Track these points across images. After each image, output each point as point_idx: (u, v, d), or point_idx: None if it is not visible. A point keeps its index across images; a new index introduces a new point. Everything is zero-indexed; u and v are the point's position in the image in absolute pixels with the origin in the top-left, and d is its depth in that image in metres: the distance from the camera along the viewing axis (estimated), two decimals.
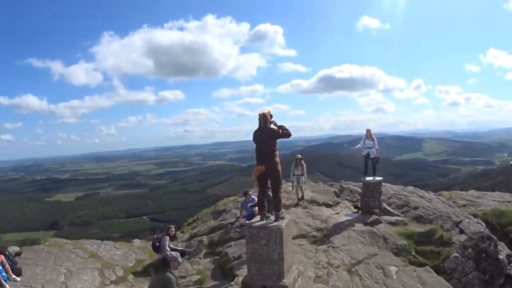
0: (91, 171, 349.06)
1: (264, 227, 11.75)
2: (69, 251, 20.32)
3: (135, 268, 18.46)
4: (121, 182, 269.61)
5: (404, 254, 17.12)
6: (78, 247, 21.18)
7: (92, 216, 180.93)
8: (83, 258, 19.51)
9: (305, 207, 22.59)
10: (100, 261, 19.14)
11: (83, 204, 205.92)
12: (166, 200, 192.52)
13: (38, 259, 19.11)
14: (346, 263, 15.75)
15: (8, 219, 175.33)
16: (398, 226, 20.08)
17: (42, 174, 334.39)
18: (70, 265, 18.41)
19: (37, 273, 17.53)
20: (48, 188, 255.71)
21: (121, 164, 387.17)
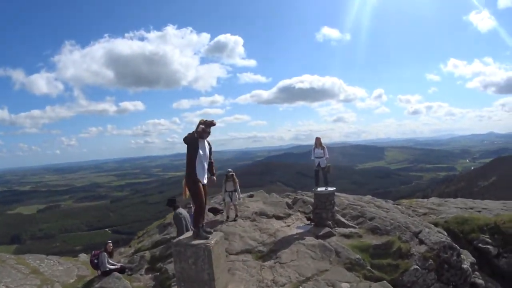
0: (52, 183, 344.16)
1: (191, 245, 11.29)
2: (10, 267, 20.03)
3: (75, 285, 18.18)
4: (82, 194, 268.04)
5: (358, 269, 16.48)
6: (21, 262, 20.93)
7: (54, 229, 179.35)
8: (24, 274, 19.25)
9: (253, 220, 22.00)
10: (41, 277, 18.88)
11: (45, 216, 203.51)
12: (127, 212, 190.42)
13: None
14: (293, 281, 15.10)
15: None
16: (352, 238, 19.47)
17: (3, 186, 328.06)
18: (9, 281, 18.14)
19: None
20: (9, 200, 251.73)
21: (82, 176, 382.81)
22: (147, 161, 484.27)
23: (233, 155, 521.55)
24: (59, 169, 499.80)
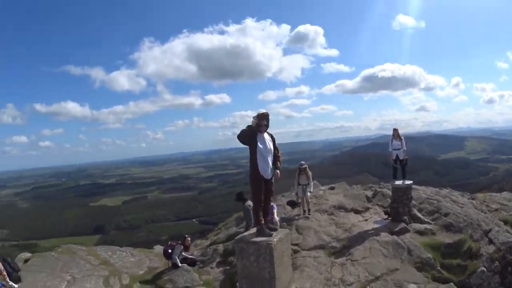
0: (138, 175, 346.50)
1: (253, 242, 10.79)
2: (79, 258, 20.14)
3: (144, 277, 18.06)
4: (169, 186, 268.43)
5: (428, 269, 15.65)
6: (91, 253, 21.04)
7: (140, 220, 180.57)
8: (93, 265, 19.28)
9: (331, 214, 21.30)
10: (110, 268, 18.87)
11: (130, 208, 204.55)
12: (215, 202, 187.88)
13: (44, 266, 18.96)
14: (361, 280, 14.51)
15: (48, 225, 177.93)
16: (426, 235, 18.56)
17: (86, 180, 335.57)
18: (76, 272, 18.16)
19: (38, 279, 17.33)
20: (92, 193, 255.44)
21: (170, 168, 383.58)
22: (235, 152, 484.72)
23: (321, 145, 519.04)
24: (145, 162, 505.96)
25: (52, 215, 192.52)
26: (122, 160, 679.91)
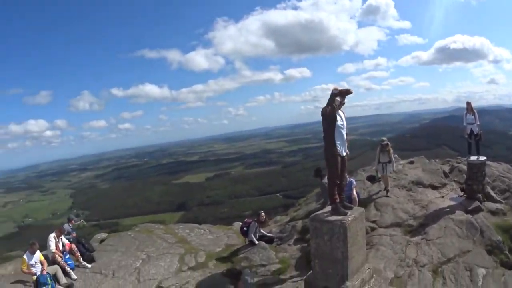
0: (222, 152, 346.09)
1: (327, 221, 10.43)
2: (156, 236, 20.54)
3: (221, 254, 18.13)
4: (253, 161, 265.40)
5: (496, 253, 15.02)
6: (169, 232, 21.42)
7: (223, 196, 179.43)
8: (169, 243, 19.60)
9: (409, 189, 20.72)
10: (186, 246, 19.14)
11: (214, 184, 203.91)
12: (299, 176, 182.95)
13: (120, 245, 19.47)
14: (434, 261, 14.13)
15: (130, 204, 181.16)
16: (497, 216, 17.77)
17: (169, 158, 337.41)
18: (152, 251, 18.55)
19: (113, 259, 17.82)
20: (175, 171, 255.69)
21: (253, 143, 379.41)
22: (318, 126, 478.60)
23: (401, 118, 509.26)
24: (228, 138, 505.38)
25: (133, 194, 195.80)
26: (204, 137, 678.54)
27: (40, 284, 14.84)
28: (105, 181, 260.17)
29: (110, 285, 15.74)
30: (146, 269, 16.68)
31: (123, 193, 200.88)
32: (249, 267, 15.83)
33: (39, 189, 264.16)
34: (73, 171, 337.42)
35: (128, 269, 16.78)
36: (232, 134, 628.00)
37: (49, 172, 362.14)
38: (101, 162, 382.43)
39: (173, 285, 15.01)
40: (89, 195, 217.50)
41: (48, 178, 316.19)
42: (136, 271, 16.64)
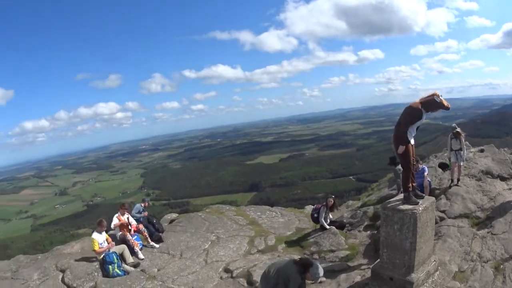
0: (296, 133, 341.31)
1: (399, 210, 10.42)
2: (227, 218, 20.76)
3: (291, 237, 18.18)
4: (327, 142, 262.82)
5: None
6: (240, 214, 21.56)
7: (296, 177, 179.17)
8: (240, 225, 19.83)
9: (479, 179, 19.73)
10: (257, 228, 19.29)
11: (287, 165, 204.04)
12: (373, 160, 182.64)
13: (190, 226, 19.82)
14: (496, 258, 13.28)
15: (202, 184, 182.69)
16: None
17: (243, 139, 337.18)
18: (222, 232, 18.82)
19: (181, 239, 18.15)
20: (249, 151, 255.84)
21: (328, 125, 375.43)
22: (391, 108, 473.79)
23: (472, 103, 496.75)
24: (303, 120, 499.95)
25: (206, 174, 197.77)
26: (279, 118, 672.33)
27: (107, 263, 15.36)
28: (177, 161, 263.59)
29: (177, 266, 15.99)
30: (215, 251, 16.89)
31: (195, 173, 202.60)
32: (318, 252, 15.90)
33: (109, 169, 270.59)
34: (144, 152, 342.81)
35: (197, 250, 17.05)
36: (307, 116, 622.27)
37: (119, 153, 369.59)
38: (173, 143, 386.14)
39: (240, 268, 15.04)
40: (160, 175, 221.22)
41: (119, 158, 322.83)
42: (205, 253, 16.87)
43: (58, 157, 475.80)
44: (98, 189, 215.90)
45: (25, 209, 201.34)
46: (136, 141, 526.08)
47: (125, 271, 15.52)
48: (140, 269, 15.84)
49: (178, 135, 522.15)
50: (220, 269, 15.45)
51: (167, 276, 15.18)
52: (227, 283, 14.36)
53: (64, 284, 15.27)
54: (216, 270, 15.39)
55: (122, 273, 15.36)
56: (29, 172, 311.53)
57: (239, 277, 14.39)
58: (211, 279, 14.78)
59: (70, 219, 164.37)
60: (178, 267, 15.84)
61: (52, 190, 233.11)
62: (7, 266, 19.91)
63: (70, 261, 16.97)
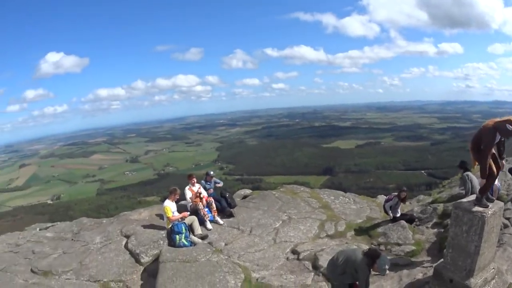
0: (374, 120, 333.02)
1: (469, 211, 10.13)
2: (301, 199, 20.89)
3: (361, 225, 18.21)
4: (403, 133, 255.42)
5: None
6: (314, 196, 21.66)
7: (370, 165, 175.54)
8: (312, 207, 19.91)
9: None
10: (329, 212, 19.35)
11: (363, 152, 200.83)
12: (445, 156, 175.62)
13: (263, 204, 20.11)
14: None
15: (276, 163, 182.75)
16: None
17: (321, 121, 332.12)
18: (294, 213, 18.95)
19: (253, 216, 18.44)
20: (327, 134, 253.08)
21: (405, 115, 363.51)
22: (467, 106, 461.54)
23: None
24: (382, 108, 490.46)
25: (281, 153, 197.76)
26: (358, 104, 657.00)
27: (174, 232, 15.70)
28: (254, 138, 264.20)
29: (245, 242, 16.30)
30: (285, 231, 17.11)
31: (271, 151, 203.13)
32: (385, 244, 15.91)
33: (184, 141, 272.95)
34: (221, 126, 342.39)
35: (267, 228, 17.29)
36: (386, 104, 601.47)
37: (196, 125, 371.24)
38: (252, 119, 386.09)
39: (307, 251, 15.09)
40: (236, 150, 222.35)
41: (195, 130, 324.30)
42: (274, 231, 17.17)
43: (132, 125, 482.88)
44: (171, 159, 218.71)
45: (93, 173, 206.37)
46: (214, 115, 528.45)
47: (192, 242, 15.78)
48: (207, 242, 16.06)
49: (257, 112, 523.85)
50: (287, 250, 15.57)
51: (234, 251, 15.40)
52: (293, 264, 14.44)
53: (127, 249, 15.89)
54: (284, 250, 15.52)
55: (189, 243, 15.61)
56: (101, 138, 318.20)
57: (305, 260, 14.43)
58: (278, 258, 14.92)
59: (139, 186, 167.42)
60: (246, 243, 16.09)
61: (123, 157, 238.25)
62: (68, 227, 20.54)
63: (136, 228, 17.57)
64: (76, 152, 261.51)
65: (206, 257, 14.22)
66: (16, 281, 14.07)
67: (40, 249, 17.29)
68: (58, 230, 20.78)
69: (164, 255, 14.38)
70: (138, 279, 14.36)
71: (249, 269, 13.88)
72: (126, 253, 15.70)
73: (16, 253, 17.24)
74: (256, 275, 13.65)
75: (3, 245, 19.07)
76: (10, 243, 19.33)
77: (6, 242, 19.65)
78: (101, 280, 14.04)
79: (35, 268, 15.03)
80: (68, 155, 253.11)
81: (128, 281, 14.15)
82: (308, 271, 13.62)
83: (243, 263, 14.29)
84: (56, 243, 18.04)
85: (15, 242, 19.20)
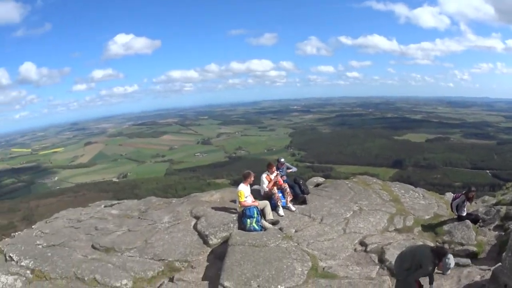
0: (444, 115, 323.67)
1: None
2: (372, 191, 21.04)
3: (428, 222, 18.03)
4: (472, 130, 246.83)
5: None
6: (385, 189, 21.71)
7: (438, 160, 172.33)
8: (383, 200, 19.98)
9: None
10: (399, 206, 19.29)
11: (432, 147, 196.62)
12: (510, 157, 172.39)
13: (335, 193, 20.39)
14: None
15: (347, 152, 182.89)
16: None
17: (393, 113, 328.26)
18: (365, 204, 19.11)
19: (324, 205, 18.74)
20: (398, 126, 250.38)
21: (474, 112, 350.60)
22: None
23: None
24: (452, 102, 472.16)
25: (352, 143, 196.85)
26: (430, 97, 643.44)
27: (246, 216, 16.34)
28: (327, 126, 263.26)
29: (315, 230, 16.40)
30: (355, 222, 17.24)
31: (343, 140, 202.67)
32: (449, 242, 15.83)
33: (257, 125, 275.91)
34: (295, 112, 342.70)
35: (337, 218, 17.44)
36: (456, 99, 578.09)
37: (270, 110, 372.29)
38: (325, 107, 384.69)
39: (375, 243, 15.16)
40: (308, 137, 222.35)
41: (269, 115, 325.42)
42: (345, 222, 17.26)
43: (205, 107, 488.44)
44: (243, 143, 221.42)
45: (163, 153, 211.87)
46: (288, 101, 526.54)
47: (263, 227, 16.24)
48: (278, 227, 16.32)
49: (330, 100, 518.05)
50: (356, 241, 15.64)
51: (303, 238, 15.54)
52: (360, 256, 14.56)
53: (195, 230, 16.52)
54: (352, 241, 15.60)
55: (259, 228, 16.07)
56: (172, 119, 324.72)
57: (372, 253, 14.50)
58: (346, 249, 15.03)
59: (209, 168, 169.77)
60: (316, 232, 16.18)
61: (195, 139, 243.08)
62: (135, 206, 21.19)
63: (206, 209, 18.23)
64: (146, 132, 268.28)
65: (276, 243, 14.36)
66: (75, 256, 14.85)
67: (103, 225, 18.32)
68: (124, 207, 21.70)
69: (234, 238, 14.60)
70: (204, 261, 14.78)
71: (317, 258, 13.95)
72: (195, 234, 16.29)
73: (77, 229, 18.25)
74: (323, 264, 13.72)
75: (63, 220, 20.22)
76: (71, 218, 20.50)
77: (67, 217, 20.88)
78: (166, 259, 14.61)
79: (96, 244, 15.91)
80: (138, 134, 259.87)
81: (193, 262, 14.61)
82: (374, 264, 13.79)
83: (311, 251, 14.36)
84: (121, 220, 19.07)
85: (77, 218, 20.33)
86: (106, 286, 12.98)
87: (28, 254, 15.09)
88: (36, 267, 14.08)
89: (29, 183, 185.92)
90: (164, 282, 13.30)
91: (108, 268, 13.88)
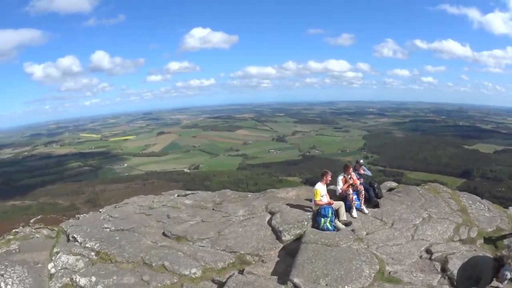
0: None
1: None
2: (442, 199, 20.64)
3: (490, 235, 17.70)
4: None
5: None
6: (454, 198, 21.27)
7: (504, 173, 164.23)
8: (452, 209, 19.60)
9: None
10: (465, 217, 18.98)
11: (500, 158, 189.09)
12: None
13: (406, 199, 20.15)
14: None
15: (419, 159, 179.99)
16: None
17: (465, 121, 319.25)
18: (434, 212, 18.84)
19: (396, 209, 18.64)
20: (469, 135, 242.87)
21: None
22: None
23: None
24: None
25: (424, 149, 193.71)
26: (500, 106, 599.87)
27: (320, 215, 16.22)
28: (401, 130, 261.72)
29: (385, 234, 16.37)
30: (423, 229, 16.96)
31: (415, 146, 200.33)
32: (507, 257, 15.15)
33: (333, 125, 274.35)
34: (370, 114, 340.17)
35: (407, 224, 17.31)
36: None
37: (346, 111, 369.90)
38: (400, 111, 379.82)
39: (440, 252, 14.96)
40: (382, 141, 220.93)
41: (344, 116, 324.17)
42: (414, 228, 17.06)
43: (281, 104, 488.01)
44: (318, 142, 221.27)
45: (237, 147, 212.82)
46: (364, 103, 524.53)
47: (336, 227, 16.15)
48: (350, 229, 16.33)
49: (405, 104, 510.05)
50: (422, 248, 15.48)
51: (374, 241, 15.58)
52: (424, 263, 14.45)
53: (269, 225, 16.78)
54: (419, 248, 15.46)
55: (332, 228, 16.01)
56: (248, 114, 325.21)
57: (436, 261, 14.37)
58: (412, 255, 14.92)
59: (282, 165, 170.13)
60: (386, 236, 16.19)
61: (270, 135, 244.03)
62: (210, 197, 21.45)
63: (282, 206, 18.43)
64: (221, 125, 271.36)
65: (347, 244, 14.38)
66: (144, 242, 15.39)
67: (176, 214, 18.74)
68: (198, 198, 22.08)
69: (308, 236, 14.73)
70: (275, 256, 14.93)
71: (384, 262, 13.97)
72: (268, 229, 16.55)
73: (148, 216, 18.80)
74: (389, 269, 13.72)
75: (134, 206, 20.70)
76: (142, 205, 21.13)
77: (138, 204, 21.47)
78: (238, 252, 14.78)
79: (168, 232, 16.33)
80: (213, 127, 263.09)
81: (264, 256, 14.76)
82: (436, 272, 13.67)
83: (380, 255, 14.39)
84: (195, 210, 19.48)
85: (149, 205, 20.96)
86: (174, 273, 13.27)
87: (94, 237, 15.76)
88: (102, 249, 14.69)
89: (97, 168, 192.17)
90: (234, 274, 13.20)
91: (178, 256, 14.25)
